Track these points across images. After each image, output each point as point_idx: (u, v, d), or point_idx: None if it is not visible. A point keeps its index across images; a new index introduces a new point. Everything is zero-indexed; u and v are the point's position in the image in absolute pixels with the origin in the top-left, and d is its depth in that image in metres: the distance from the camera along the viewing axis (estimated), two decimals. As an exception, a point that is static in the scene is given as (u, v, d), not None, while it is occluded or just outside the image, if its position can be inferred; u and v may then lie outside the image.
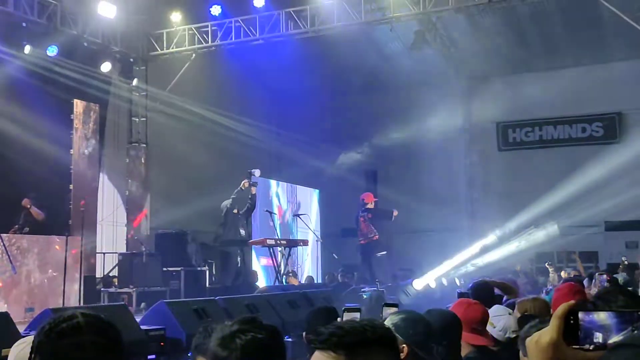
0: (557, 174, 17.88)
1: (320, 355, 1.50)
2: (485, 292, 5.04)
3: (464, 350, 3.42)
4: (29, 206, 10.27)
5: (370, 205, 13.22)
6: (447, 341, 3.12)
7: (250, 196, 11.64)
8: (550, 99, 18.89)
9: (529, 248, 17.99)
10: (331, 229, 18.53)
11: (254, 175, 11.69)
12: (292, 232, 17.01)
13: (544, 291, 9.58)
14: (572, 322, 1.30)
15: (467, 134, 19.98)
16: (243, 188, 11.48)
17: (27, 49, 11.69)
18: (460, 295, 5.00)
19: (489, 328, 3.73)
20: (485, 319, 3.65)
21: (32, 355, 1.74)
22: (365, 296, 8.05)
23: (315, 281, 14.87)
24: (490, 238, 18.96)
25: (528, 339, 1.35)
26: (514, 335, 3.67)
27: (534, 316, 4.16)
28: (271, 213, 12.67)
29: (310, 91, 20.30)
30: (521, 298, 5.50)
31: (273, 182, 17.02)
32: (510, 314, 3.93)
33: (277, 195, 17.32)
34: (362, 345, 1.48)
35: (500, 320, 3.84)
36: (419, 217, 19.57)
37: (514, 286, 6.14)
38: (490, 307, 3.93)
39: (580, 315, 1.30)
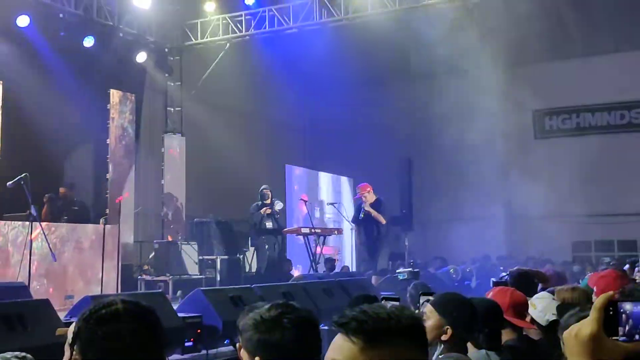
0: (594, 161, 17.59)
1: (339, 339, 1.44)
2: (525, 280, 4.97)
3: (504, 338, 3.40)
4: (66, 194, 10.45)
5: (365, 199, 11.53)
6: (488, 329, 3.10)
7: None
8: (588, 85, 18.56)
9: (566, 237, 17.76)
10: (365, 218, 18.48)
11: (274, 206, 11.80)
12: (326, 221, 17.02)
13: (579, 281, 9.46)
14: (611, 313, 1.27)
15: (503, 121, 19.72)
16: (263, 213, 11.63)
17: (89, 41, 11.96)
18: (496, 283, 4.93)
19: (530, 310, 3.70)
20: (526, 305, 3.63)
21: (73, 341, 1.76)
22: (401, 277, 7.95)
23: (350, 271, 14.85)
24: (524, 226, 18.78)
25: (566, 332, 1.31)
26: (553, 319, 3.63)
27: (573, 304, 4.11)
28: (305, 202, 12.67)
29: (344, 80, 20.24)
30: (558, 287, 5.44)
31: (307, 171, 17.03)
32: (553, 299, 3.89)
33: (311, 184, 17.33)
34: (383, 334, 1.41)
35: (542, 302, 3.81)
36: (454, 206, 19.44)
37: (561, 277, 6.07)
38: (530, 297, 3.90)
39: (620, 306, 1.27)
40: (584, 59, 18.71)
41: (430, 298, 3.20)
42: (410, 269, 7.98)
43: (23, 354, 1.56)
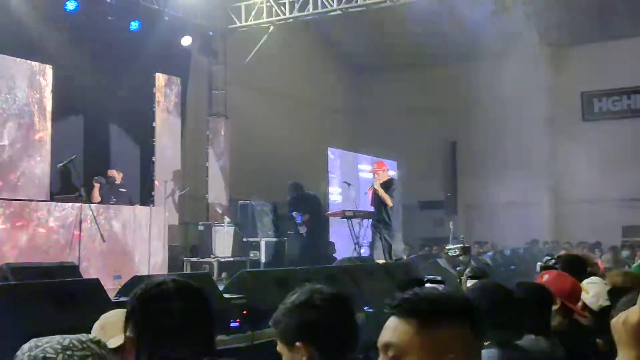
0: (646, 144, 17.19)
1: (392, 321, 1.44)
2: (577, 265, 4.87)
3: (554, 322, 3.35)
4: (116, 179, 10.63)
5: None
6: (537, 313, 3.06)
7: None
8: (639, 66, 18.07)
9: (615, 221, 17.40)
10: (409, 202, 18.39)
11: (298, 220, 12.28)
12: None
13: (629, 266, 9.27)
14: None
15: (550, 104, 19.35)
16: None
17: (135, 25, 12.14)
18: (544, 268, 4.85)
19: (582, 295, 3.64)
20: (579, 292, 3.57)
21: (126, 320, 1.79)
22: (451, 253, 7.87)
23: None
24: (572, 211, 18.46)
25: (614, 320, 1.28)
26: (606, 305, 3.57)
27: (625, 289, 4.03)
28: (349, 185, 12.65)
29: (387, 62, 20.11)
30: (610, 271, 5.33)
31: (352, 154, 16.99)
32: (606, 284, 3.82)
33: (356, 167, 17.27)
34: (438, 316, 1.41)
35: (594, 287, 3.74)
36: (499, 190, 19.20)
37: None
38: (581, 282, 3.83)
39: None
40: (635, 39, 18.20)
41: (477, 281, 3.17)
42: (461, 245, 7.88)
43: (98, 338, 1.58)
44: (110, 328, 2.40)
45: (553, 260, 5.33)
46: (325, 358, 2.01)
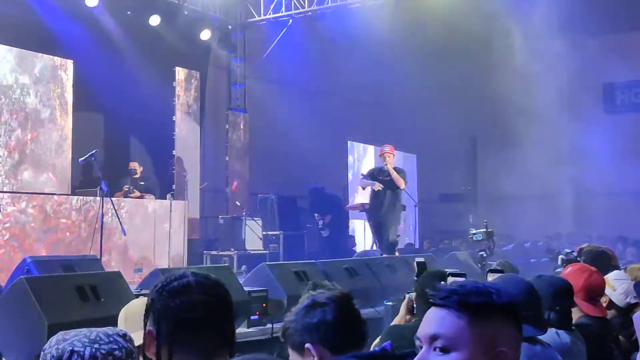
0: (669, 136, 16.98)
1: (439, 312, 1.44)
2: (604, 260, 4.81)
3: (575, 316, 3.32)
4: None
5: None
6: (559, 307, 3.03)
7: None
8: (662, 57, 17.84)
9: (637, 214, 17.22)
10: (429, 195, 18.33)
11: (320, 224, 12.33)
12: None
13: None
14: None
15: (570, 95, 19.16)
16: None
17: (155, 19, 12.18)
18: (567, 261, 4.80)
19: (608, 291, 3.60)
20: (603, 289, 3.52)
21: (147, 313, 1.80)
22: (476, 238, 7.80)
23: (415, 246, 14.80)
24: (594, 204, 18.29)
25: (637, 315, 1.27)
26: (634, 302, 3.53)
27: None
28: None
29: (408, 55, 20.00)
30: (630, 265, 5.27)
31: (371, 148, 16.97)
32: (632, 280, 3.77)
33: (374, 161, 17.25)
34: (486, 309, 1.41)
35: (622, 283, 3.69)
36: (518, 183, 19.06)
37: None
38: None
39: None
40: (658, 30, 17.97)
41: (499, 275, 3.15)
42: (484, 230, 7.83)
43: (124, 331, 1.60)
44: (133, 319, 2.42)
45: (574, 253, 5.28)
46: (335, 355, 2.04)
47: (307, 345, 2.02)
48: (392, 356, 1.99)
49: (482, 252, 7.55)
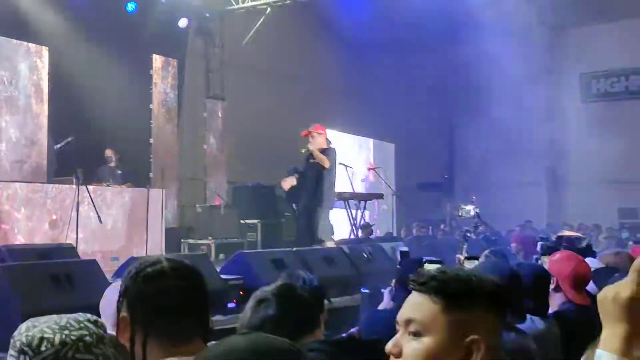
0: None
1: (417, 297, 1.44)
2: (585, 247, 4.86)
3: (558, 302, 3.36)
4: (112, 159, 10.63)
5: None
6: (537, 295, 3.07)
7: None
8: (638, 47, 18.01)
9: (611, 203, 17.43)
10: (407, 183, 18.42)
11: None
12: (367, 186, 17.00)
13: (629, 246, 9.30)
14: None
15: (548, 85, 19.33)
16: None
17: (132, 6, 12.02)
18: (547, 248, 4.83)
19: None
20: (583, 276, 3.55)
21: (120, 299, 1.79)
22: (465, 213, 7.78)
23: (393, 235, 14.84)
24: (569, 192, 18.50)
25: (601, 295, 1.27)
26: None
27: (616, 269, 4.04)
28: (346, 166, 12.64)
29: (386, 44, 20.01)
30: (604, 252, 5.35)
31: (348, 136, 16.99)
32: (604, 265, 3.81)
33: (351, 149, 17.29)
34: (463, 296, 1.41)
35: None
36: (496, 171, 19.22)
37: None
38: None
39: None
40: (633, 20, 18.13)
41: (476, 262, 3.18)
42: (473, 206, 7.89)
43: (95, 317, 1.59)
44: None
45: (553, 240, 5.33)
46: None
47: None
48: (359, 342, 2.01)
49: (468, 231, 7.56)
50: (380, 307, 3.85)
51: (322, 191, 9.29)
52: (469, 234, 7.48)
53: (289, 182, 9.75)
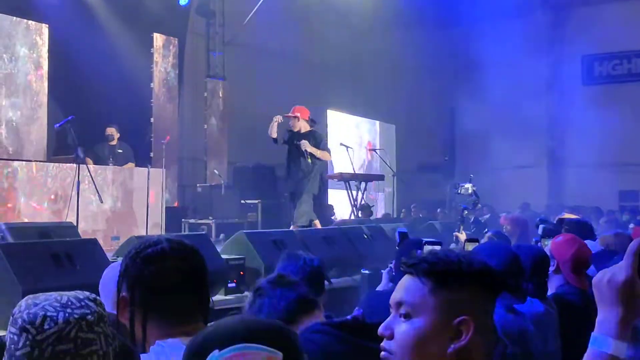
0: (646, 109, 17.13)
1: (407, 280, 1.46)
2: (586, 231, 4.85)
3: (557, 284, 3.37)
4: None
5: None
6: (536, 277, 3.08)
7: None
8: (640, 30, 17.90)
9: (612, 185, 17.43)
10: (407, 165, 18.41)
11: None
12: (367, 167, 17.00)
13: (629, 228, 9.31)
14: None
15: (549, 67, 19.24)
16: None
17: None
18: (548, 231, 4.82)
19: None
20: (590, 263, 3.56)
21: (120, 279, 1.80)
22: (464, 191, 7.78)
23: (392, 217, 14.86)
24: (570, 175, 18.48)
25: (596, 279, 1.27)
26: None
27: (616, 251, 4.04)
28: (347, 147, 12.62)
29: (386, 25, 19.90)
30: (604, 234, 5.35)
31: (349, 116, 16.95)
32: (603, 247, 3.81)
33: (353, 130, 17.27)
34: (453, 277, 1.42)
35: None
36: (497, 154, 19.20)
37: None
38: None
39: None
40: (636, 2, 18.00)
41: (476, 244, 3.18)
42: (470, 184, 7.93)
43: (94, 295, 1.59)
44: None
45: (549, 224, 5.32)
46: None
47: None
48: (363, 324, 2.02)
49: (465, 208, 7.58)
50: (379, 288, 3.87)
51: (315, 176, 9.13)
52: (466, 211, 7.51)
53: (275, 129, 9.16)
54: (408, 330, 1.41)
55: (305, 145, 8.89)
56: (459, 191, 8.00)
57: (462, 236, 4.67)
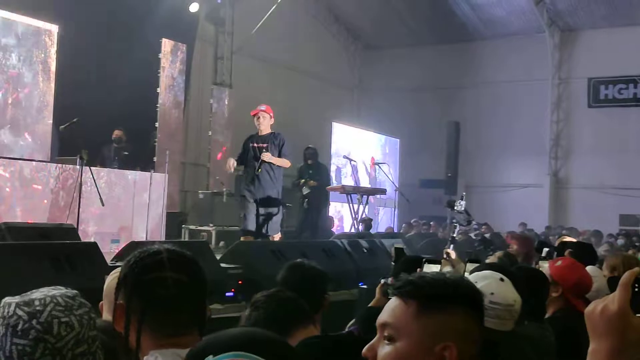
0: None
1: (393, 302, 1.44)
2: (591, 254, 4.83)
3: (554, 308, 3.36)
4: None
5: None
6: (534, 300, 3.06)
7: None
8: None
9: (613, 209, 17.41)
10: (410, 180, 18.40)
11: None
12: (370, 180, 16.99)
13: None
14: (636, 289, 1.23)
15: (555, 88, 19.28)
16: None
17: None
18: (549, 253, 4.80)
19: None
20: (587, 285, 3.54)
21: (118, 286, 1.79)
22: (458, 207, 7.77)
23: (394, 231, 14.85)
24: (572, 197, 18.46)
25: (589, 310, 1.26)
26: None
27: (620, 271, 4.00)
28: (350, 160, 12.63)
29: (395, 39, 19.97)
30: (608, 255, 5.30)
31: (353, 129, 16.96)
32: (605, 276, 3.77)
33: (357, 143, 17.26)
34: (438, 301, 1.39)
35: (595, 281, 3.68)
36: (500, 172, 19.21)
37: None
38: None
39: None
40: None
41: (477, 264, 3.17)
42: (463, 202, 7.95)
43: (74, 291, 1.60)
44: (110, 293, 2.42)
45: (548, 248, 5.29)
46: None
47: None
48: (358, 340, 2.02)
49: (455, 222, 7.60)
50: (372, 303, 3.84)
51: (280, 180, 8.42)
52: (457, 226, 7.55)
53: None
54: (390, 353, 1.39)
55: (265, 157, 8.06)
56: (456, 208, 8.02)
57: (453, 254, 4.64)
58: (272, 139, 8.32)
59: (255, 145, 8.28)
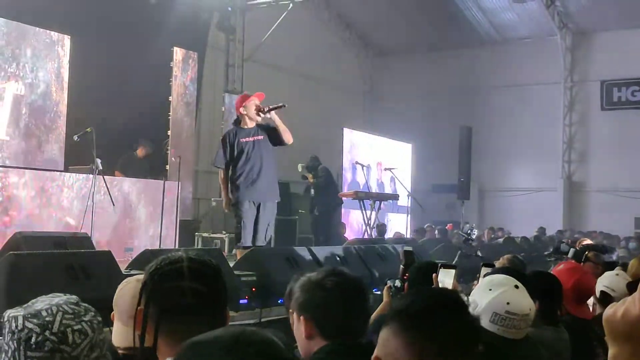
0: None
1: (384, 333, 1.44)
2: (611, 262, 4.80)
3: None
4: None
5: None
6: (547, 304, 3.05)
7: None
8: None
9: (628, 212, 17.29)
10: (423, 185, 18.36)
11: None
12: (382, 186, 16.96)
13: None
14: None
15: (568, 91, 19.20)
16: None
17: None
18: (558, 255, 4.78)
19: (609, 292, 3.58)
20: (591, 291, 3.52)
21: (140, 292, 1.80)
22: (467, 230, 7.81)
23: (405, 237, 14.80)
24: (586, 200, 18.36)
25: (609, 313, 1.24)
26: None
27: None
28: (363, 166, 12.61)
29: (406, 44, 19.96)
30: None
31: (365, 135, 16.95)
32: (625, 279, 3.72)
33: (369, 148, 17.24)
34: (424, 331, 1.39)
35: (618, 287, 3.63)
36: (513, 175, 19.14)
37: None
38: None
39: None
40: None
41: (490, 269, 3.16)
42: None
43: (75, 297, 1.60)
44: (121, 301, 2.43)
45: (569, 248, 5.26)
46: (325, 337, 2.13)
47: (302, 317, 2.16)
48: (372, 346, 2.00)
49: (469, 230, 7.66)
50: (380, 306, 3.81)
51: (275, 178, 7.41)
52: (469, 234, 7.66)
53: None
54: None
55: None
56: (468, 236, 8.13)
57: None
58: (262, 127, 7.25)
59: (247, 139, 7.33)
